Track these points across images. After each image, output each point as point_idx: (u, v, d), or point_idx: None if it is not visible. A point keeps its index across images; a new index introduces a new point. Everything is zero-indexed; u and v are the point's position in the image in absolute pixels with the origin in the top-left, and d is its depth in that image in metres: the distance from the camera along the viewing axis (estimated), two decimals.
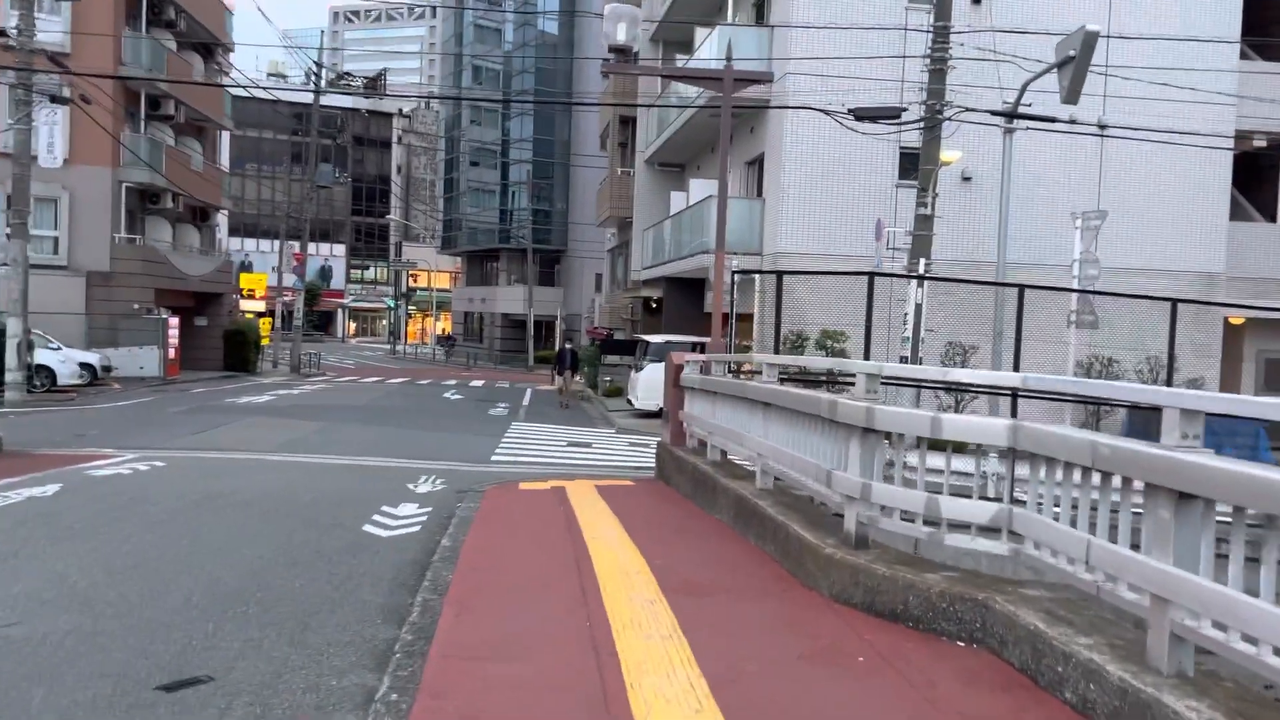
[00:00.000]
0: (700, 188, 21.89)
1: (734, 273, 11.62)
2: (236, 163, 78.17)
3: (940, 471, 5.15)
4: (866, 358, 11.57)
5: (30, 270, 27.49)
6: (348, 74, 60.37)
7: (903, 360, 15.72)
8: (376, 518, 8.11)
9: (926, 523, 4.93)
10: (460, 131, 60.63)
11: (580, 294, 51.83)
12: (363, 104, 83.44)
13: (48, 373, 23.49)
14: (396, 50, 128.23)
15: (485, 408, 23.38)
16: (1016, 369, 11.79)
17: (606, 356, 29.38)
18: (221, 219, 78.60)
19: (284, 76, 74.63)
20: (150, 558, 6.34)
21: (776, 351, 11.99)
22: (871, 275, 11.89)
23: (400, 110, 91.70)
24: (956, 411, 17.31)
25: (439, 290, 74.05)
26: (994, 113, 16.51)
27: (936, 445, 5.05)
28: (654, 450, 16.49)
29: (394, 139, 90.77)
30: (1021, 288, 11.75)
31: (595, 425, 20.67)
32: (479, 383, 34.46)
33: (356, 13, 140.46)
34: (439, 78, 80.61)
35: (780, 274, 11.80)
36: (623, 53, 10.74)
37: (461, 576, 5.65)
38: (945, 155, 15.77)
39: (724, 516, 7.67)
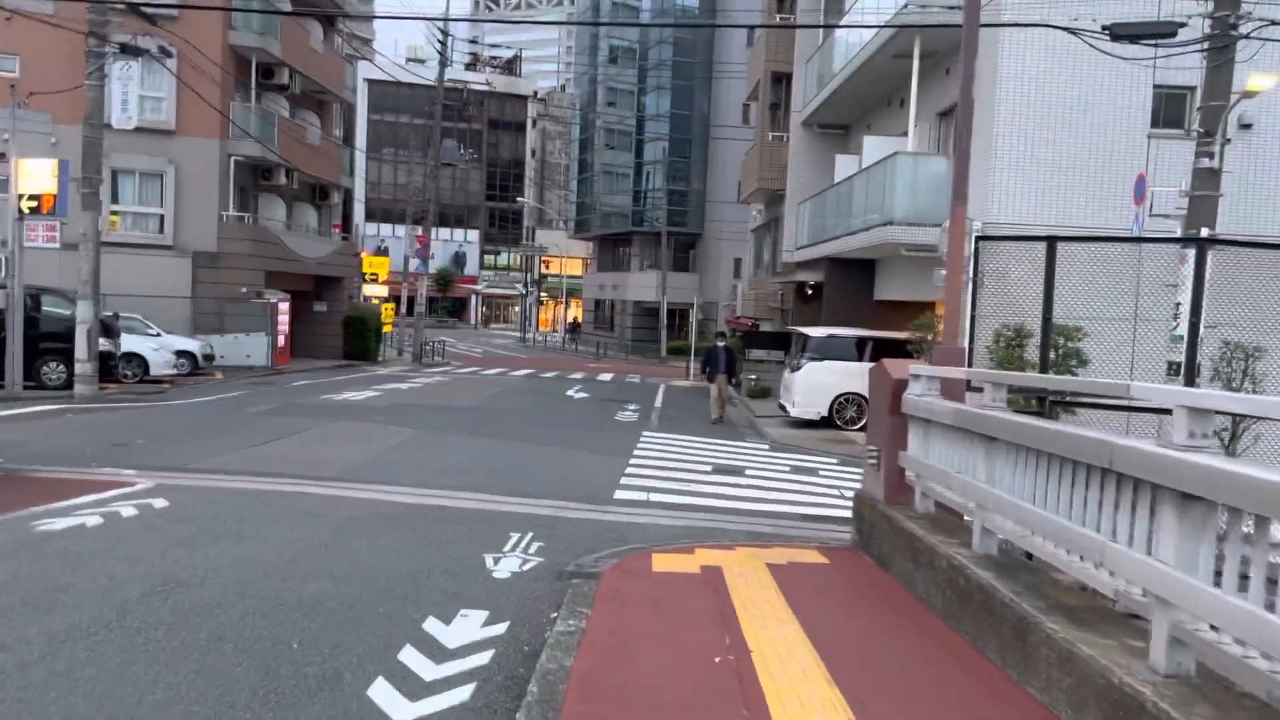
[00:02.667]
0: (877, 146, 17.78)
1: (978, 239, 7.68)
2: (373, 146, 77.98)
3: None
4: (1190, 377, 7.46)
5: (134, 250, 25.83)
6: (475, 42, 58.26)
7: (1172, 369, 11.43)
8: (405, 655, 4.63)
9: None
10: (595, 113, 57.59)
11: (717, 281, 48.04)
12: (498, 84, 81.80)
13: (139, 361, 21.36)
14: (535, 38, 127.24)
15: (612, 410, 19.97)
16: None
17: (751, 351, 25.58)
18: (358, 204, 78.61)
19: (422, 61, 73.42)
20: None
21: (1044, 367, 8.01)
22: (1203, 241, 7.78)
23: (535, 92, 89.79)
24: (1230, 446, 12.79)
25: (570, 276, 71.54)
26: None
27: None
28: (823, 476, 12.70)
29: (528, 122, 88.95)
30: None
31: (743, 437, 16.94)
32: (607, 376, 31.20)
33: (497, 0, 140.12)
34: (575, 58, 78.03)
35: (1053, 240, 7.77)
36: None
37: None
38: (1255, 82, 11.27)
39: (1064, 708, 3.84)
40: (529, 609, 5.53)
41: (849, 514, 9.95)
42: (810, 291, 24.06)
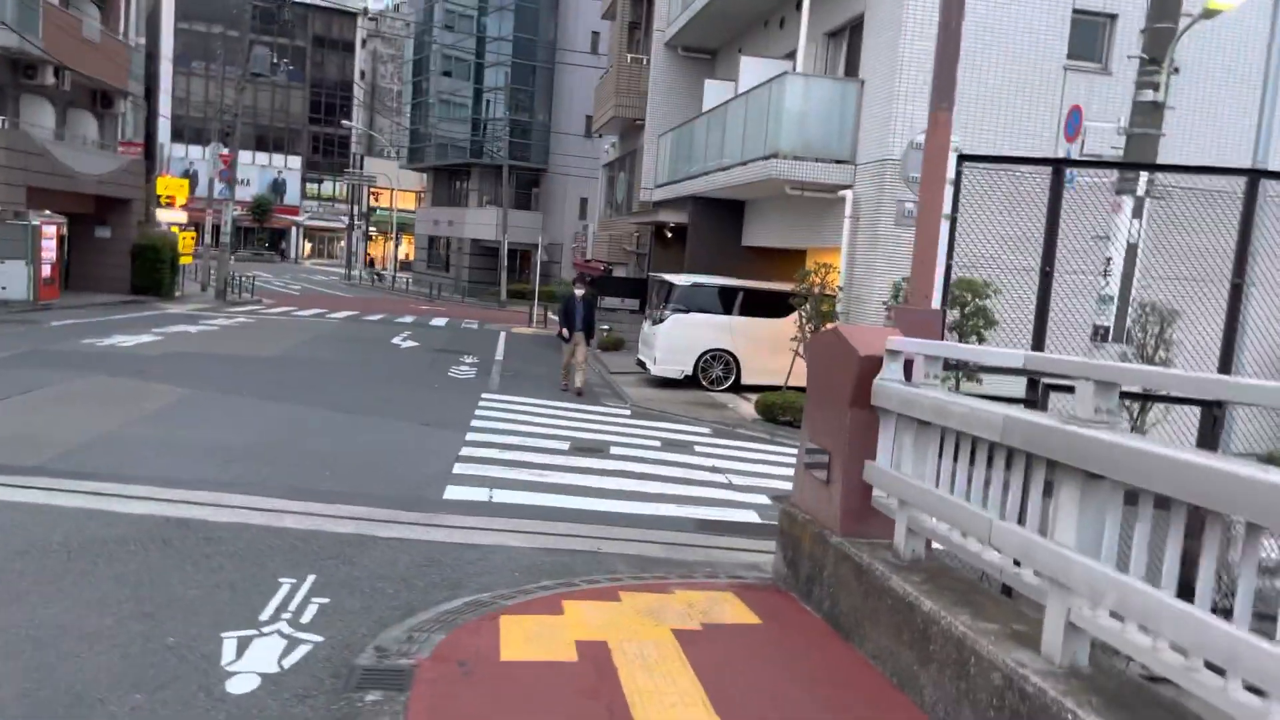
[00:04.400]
0: (758, 68, 15.54)
1: (961, 160, 5.51)
2: (182, 60, 70.18)
3: None
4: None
5: None
6: None
7: (1099, 333, 9.87)
8: None
9: None
10: (431, 36, 52.96)
11: (562, 220, 45.29)
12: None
13: None
14: None
15: (445, 363, 17.21)
16: None
17: (603, 299, 23.17)
18: (163, 121, 70.68)
19: None
20: None
21: (1039, 338, 5.95)
22: (1256, 174, 5.87)
23: (365, 9, 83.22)
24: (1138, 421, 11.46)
25: (402, 211, 66.76)
26: None
27: None
28: (699, 453, 10.25)
29: (358, 42, 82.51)
30: None
31: (599, 399, 14.60)
32: (441, 321, 28.18)
33: None
34: None
35: (1060, 163, 5.69)
36: None
37: None
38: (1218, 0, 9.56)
39: None
40: None
41: (750, 517, 7.80)
42: (670, 234, 21.84)
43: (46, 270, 23.17)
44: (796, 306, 13.95)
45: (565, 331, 14.70)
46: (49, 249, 23.35)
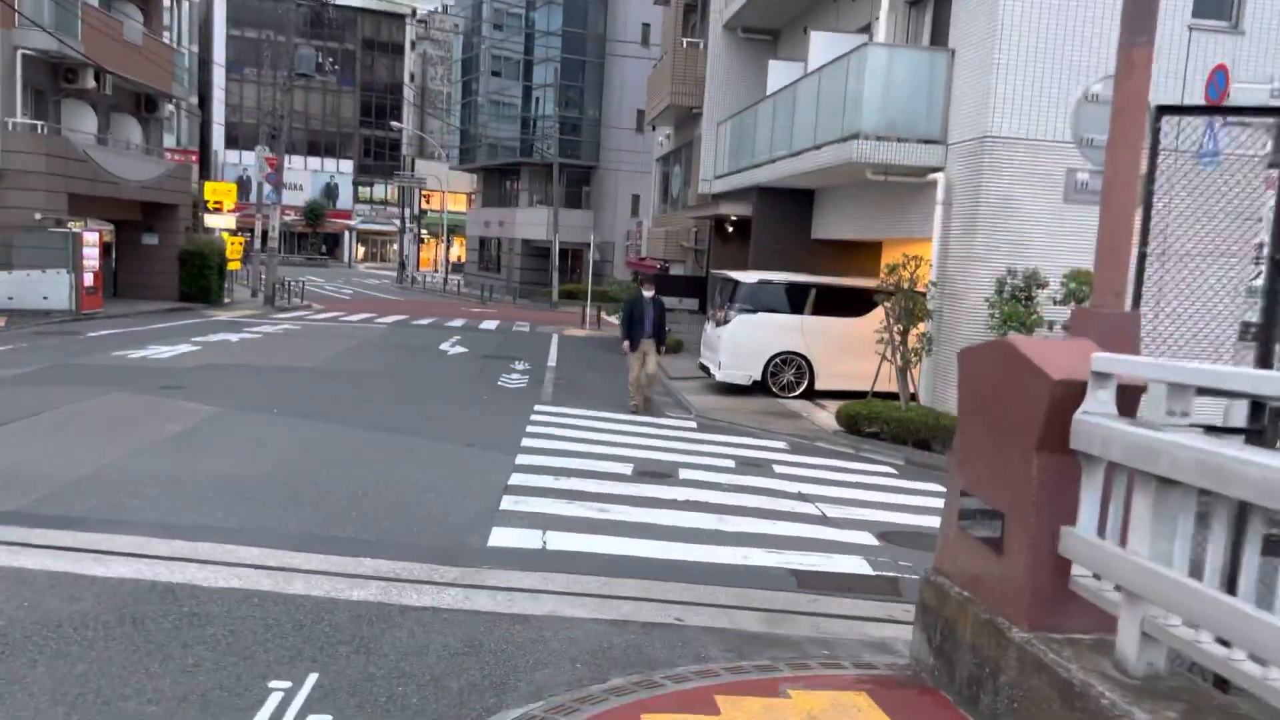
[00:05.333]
0: (829, 44, 14.13)
1: (1159, 111, 4.11)
2: (233, 66, 70.42)
3: None
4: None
5: None
6: None
7: (1248, 331, 8.31)
8: None
9: None
10: (479, 35, 52.08)
11: (614, 218, 44.11)
12: (373, 2, 74.84)
13: None
14: None
15: (495, 371, 16.07)
16: None
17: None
18: (217, 128, 70.86)
19: None
20: None
21: (1268, 329, 4.49)
22: None
23: (414, 11, 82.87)
24: None
25: (452, 213, 66.09)
26: None
27: None
28: (780, 474, 8.88)
29: (407, 45, 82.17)
30: None
31: (662, 409, 13.31)
32: (491, 324, 27.13)
33: None
34: None
35: None
36: None
37: None
38: None
39: None
40: None
41: (858, 566, 6.42)
42: (732, 228, 20.47)
43: (89, 279, 22.55)
44: (879, 304, 12.56)
45: (628, 342, 12.65)
46: (91, 257, 22.71)
